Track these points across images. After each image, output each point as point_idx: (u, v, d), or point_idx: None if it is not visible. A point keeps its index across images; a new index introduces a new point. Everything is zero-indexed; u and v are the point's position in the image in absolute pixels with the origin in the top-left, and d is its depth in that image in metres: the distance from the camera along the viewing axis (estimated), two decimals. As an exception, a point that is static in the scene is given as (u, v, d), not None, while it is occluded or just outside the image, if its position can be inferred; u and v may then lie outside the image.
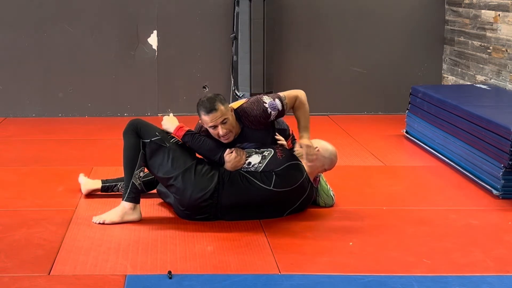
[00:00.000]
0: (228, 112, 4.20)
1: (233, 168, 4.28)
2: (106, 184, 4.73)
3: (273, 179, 4.24)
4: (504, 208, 4.62)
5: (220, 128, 4.19)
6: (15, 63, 7.39)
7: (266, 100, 4.30)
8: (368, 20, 7.64)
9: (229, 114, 4.21)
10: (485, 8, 6.84)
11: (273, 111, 4.28)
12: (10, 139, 6.51)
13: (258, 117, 4.28)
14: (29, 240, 3.97)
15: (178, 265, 3.66)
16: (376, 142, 6.40)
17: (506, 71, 6.45)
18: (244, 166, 4.28)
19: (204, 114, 4.19)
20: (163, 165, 4.24)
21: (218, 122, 4.18)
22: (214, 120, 4.17)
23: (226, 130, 4.20)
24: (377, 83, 7.70)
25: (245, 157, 4.29)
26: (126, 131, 4.31)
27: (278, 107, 4.30)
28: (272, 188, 4.24)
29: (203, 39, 7.51)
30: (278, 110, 4.30)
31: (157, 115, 7.45)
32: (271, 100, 4.30)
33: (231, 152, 4.27)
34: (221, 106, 4.18)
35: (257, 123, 4.31)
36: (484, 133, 5.11)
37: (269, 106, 4.28)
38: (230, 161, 4.27)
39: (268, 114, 4.28)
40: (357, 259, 3.77)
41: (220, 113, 4.16)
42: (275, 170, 4.25)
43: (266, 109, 4.27)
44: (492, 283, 3.49)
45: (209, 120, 4.18)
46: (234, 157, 4.26)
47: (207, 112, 4.17)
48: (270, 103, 4.29)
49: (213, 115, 4.16)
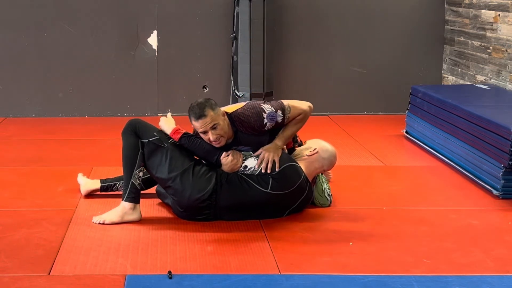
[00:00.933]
0: (218, 117, 4.18)
1: (230, 171, 4.27)
2: (105, 184, 4.72)
3: (270, 182, 4.23)
4: (504, 208, 4.62)
5: (210, 134, 4.18)
6: (15, 63, 7.39)
7: (266, 110, 4.25)
8: (368, 20, 7.64)
9: (220, 119, 4.19)
10: (485, 8, 6.84)
11: (269, 123, 4.24)
12: (10, 139, 6.51)
13: (252, 125, 4.25)
14: (29, 240, 3.97)
15: (178, 265, 3.66)
16: (376, 142, 6.40)
17: (506, 71, 6.45)
18: (240, 169, 4.28)
19: (194, 119, 4.19)
20: (161, 166, 4.24)
21: (208, 128, 4.17)
22: (204, 125, 4.17)
23: (216, 135, 4.19)
24: (377, 83, 7.70)
25: (242, 160, 4.29)
26: (125, 131, 4.31)
27: (277, 119, 4.25)
28: (269, 191, 4.23)
29: (203, 39, 7.51)
30: (277, 122, 4.26)
31: (157, 115, 7.45)
32: (272, 111, 4.24)
33: (228, 155, 4.27)
34: (211, 112, 4.16)
35: (251, 130, 4.28)
36: (484, 133, 5.11)
37: (267, 117, 4.23)
38: (226, 164, 4.27)
39: (263, 125, 4.24)
40: (357, 259, 3.77)
41: (210, 119, 4.15)
42: (271, 174, 4.24)
43: (263, 119, 4.23)
44: (492, 283, 3.49)
45: (199, 125, 4.18)
46: (231, 160, 4.26)
47: (197, 118, 4.17)
48: (270, 114, 4.24)
49: (202, 121, 4.16)
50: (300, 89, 7.56)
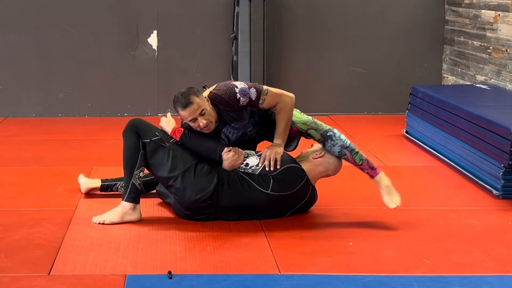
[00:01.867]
0: (204, 103, 4.20)
1: (230, 167, 4.27)
2: (106, 183, 4.73)
3: (270, 182, 4.22)
4: (504, 208, 4.62)
5: (200, 120, 4.18)
6: (15, 63, 7.40)
7: (238, 86, 4.27)
8: (368, 20, 7.64)
9: (206, 105, 4.20)
10: (485, 8, 6.84)
11: (242, 98, 4.24)
12: (10, 139, 6.51)
13: (227, 101, 4.25)
14: (29, 240, 3.97)
15: (178, 265, 3.66)
16: (376, 142, 6.40)
17: (506, 71, 6.45)
18: (241, 167, 4.28)
19: (181, 109, 4.18)
20: (163, 165, 4.24)
21: (196, 115, 4.17)
22: (192, 113, 4.16)
23: (206, 121, 4.19)
24: (377, 83, 7.70)
25: (243, 158, 4.28)
26: (125, 131, 4.31)
27: (250, 95, 4.25)
28: (270, 192, 4.22)
29: (203, 39, 7.51)
30: (250, 98, 4.25)
31: (157, 115, 7.45)
32: (245, 87, 4.26)
33: (229, 151, 4.27)
34: (196, 99, 4.17)
35: (227, 106, 4.27)
36: (484, 133, 5.11)
37: (239, 92, 4.24)
38: (227, 160, 4.26)
39: (237, 99, 4.24)
40: (357, 259, 3.77)
41: (197, 105, 4.16)
42: (272, 174, 4.23)
43: (235, 94, 4.23)
44: (492, 283, 3.49)
45: (187, 114, 4.17)
46: (232, 156, 4.25)
47: (184, 107, 4.17)
48: (242, 89, 4.25)
49: (189, 108, 4.16)
50: (300, 89, 7.55)
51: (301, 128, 4.39)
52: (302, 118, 4.42)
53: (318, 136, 4.35)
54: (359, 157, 4.31)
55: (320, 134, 4.35)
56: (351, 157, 4.31)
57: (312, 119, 4.42)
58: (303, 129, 4.39)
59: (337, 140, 4.31)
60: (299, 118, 4.41)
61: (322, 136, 4.33)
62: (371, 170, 4.34)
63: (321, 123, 4.40)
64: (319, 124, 4.39)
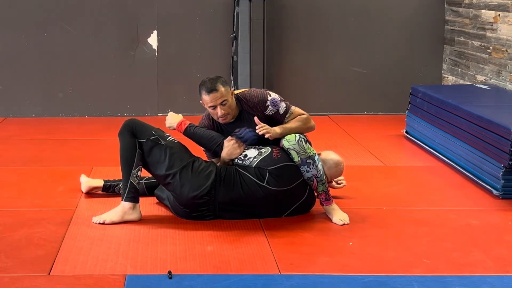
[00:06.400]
0: (228, 94, 4.31)
1: (229, 155, 4.33)
2: (108, 183, 4.73)
3: (266, 175, 4.25)
4: (504, 208, 4.62)
5: (219, 109, 4.28)
6: (15, 63, 7.40)
7: (271, 95, 4.40)
8: (368, 20, 7.64)
9: (229, 96, 4.32)
10: (485, 8, 6.84)
11: (271, 107, 4.36)
12: (10, 139, 6.51)
13: (256, 104, 4.37)
14: (29, 240, 3.97)
15: (178, 265, 3.66)
16: (376, 142, 6.40)
17: (506, 71, 6.45)
18: (240, 157, 4.33)
19: (205, 93, 4.30)
20: (161, 163, 4.25)
21: (217, 103, 4.28)
22: (214, 100, 4.27)
23: (224, 111, 4.30)
24: (377, 83, 7.70)
25: (243, 149, 4.33)
26: (121, 132, 4.32)
27: (279, 108, 4.38)
28: (265, 184, 4.24)
29: (203, 39, 7.51)
30: (277, 110, 4.37)
31: (157, 115, 7.46)
32: (277, 98, 4.40)
33: (231, 140, 4.35)
34: (222, 88, 4.29)
35: (254, 109, 4.38)
36: (484, 133, 5.11)
37: (270, 101, 4.37)
38: (228, 146, 4.33)
39: (266, 107, 4.36)
40: (357, 259, 3.77)
41: (220, 94, 4.27)
42: (268, 168, 4.26)
43: (266, 101, 4.36)
44: (492, 283, 3.49)
45: (209, 100, 4.28)
46: (232, 144, 4.33)
47: (208, 92, 4.28)
48: (273, 99, 4.39)
49: (213, 95, 4.27)
50: (300, 89, 7.56)
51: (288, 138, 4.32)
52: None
53: (297, 159, 4.29)
54: (323, 188, 4.31)
55: (300, 158, 4.28)
56: (316, 185, 4.30)
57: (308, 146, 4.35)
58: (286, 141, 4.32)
59: (313, 170, 4.29)
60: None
61: (301, 160, 4.29)
62: (326, 201, 4.34)
63: (309, 146, 4.32)
64: (306, 147, 4.29)
